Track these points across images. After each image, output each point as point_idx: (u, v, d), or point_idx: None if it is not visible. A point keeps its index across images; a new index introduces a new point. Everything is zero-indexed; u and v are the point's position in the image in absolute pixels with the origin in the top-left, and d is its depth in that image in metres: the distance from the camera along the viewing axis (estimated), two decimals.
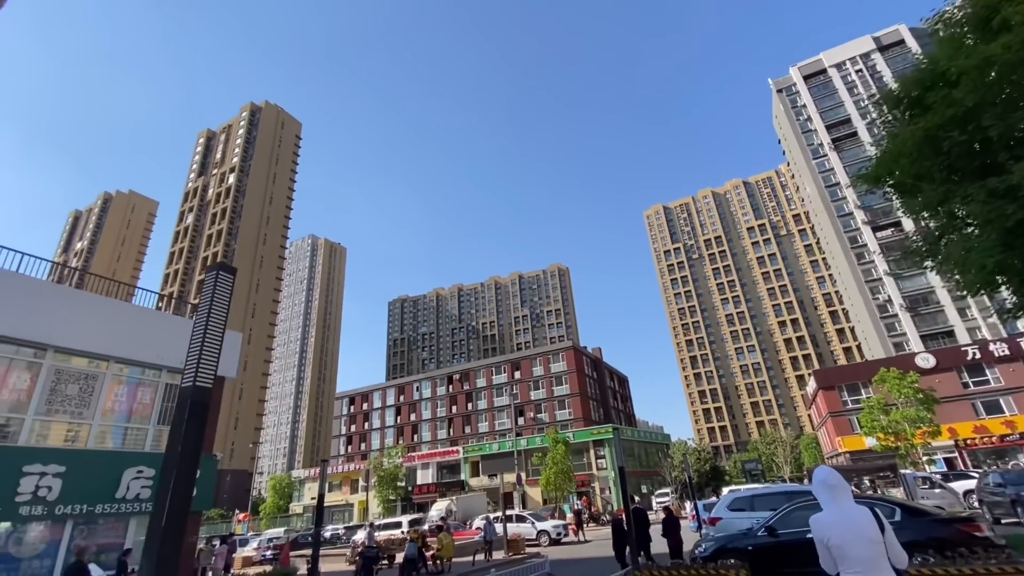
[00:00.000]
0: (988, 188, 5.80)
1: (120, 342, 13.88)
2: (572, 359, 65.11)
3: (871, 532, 3.13)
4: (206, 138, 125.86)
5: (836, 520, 3.21)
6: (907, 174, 7.02)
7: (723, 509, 12.51)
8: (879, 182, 7.90)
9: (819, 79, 79.11)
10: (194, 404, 3.21)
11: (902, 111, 7.06)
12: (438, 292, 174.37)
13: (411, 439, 72.96)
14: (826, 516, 3.29)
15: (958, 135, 6.02)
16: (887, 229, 66.07)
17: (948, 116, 6.02)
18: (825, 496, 3.34)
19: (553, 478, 39.62)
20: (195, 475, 3.14)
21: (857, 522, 3.17)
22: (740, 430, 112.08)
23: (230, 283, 3.56)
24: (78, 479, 12.15)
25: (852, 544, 3.09)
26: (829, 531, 3.20)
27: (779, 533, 8.58)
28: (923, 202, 6.93)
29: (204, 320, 3.33)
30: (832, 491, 3.32)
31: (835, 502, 3.29)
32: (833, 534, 3.17)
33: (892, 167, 7.27)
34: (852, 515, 3.21)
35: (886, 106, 7.60)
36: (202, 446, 3.33)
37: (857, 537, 3.11)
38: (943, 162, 6.32)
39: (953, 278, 7.22)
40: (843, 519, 3.20)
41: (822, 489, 3.36)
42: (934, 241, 7.56)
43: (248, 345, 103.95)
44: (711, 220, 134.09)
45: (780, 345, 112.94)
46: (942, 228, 7.32)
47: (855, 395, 41.04)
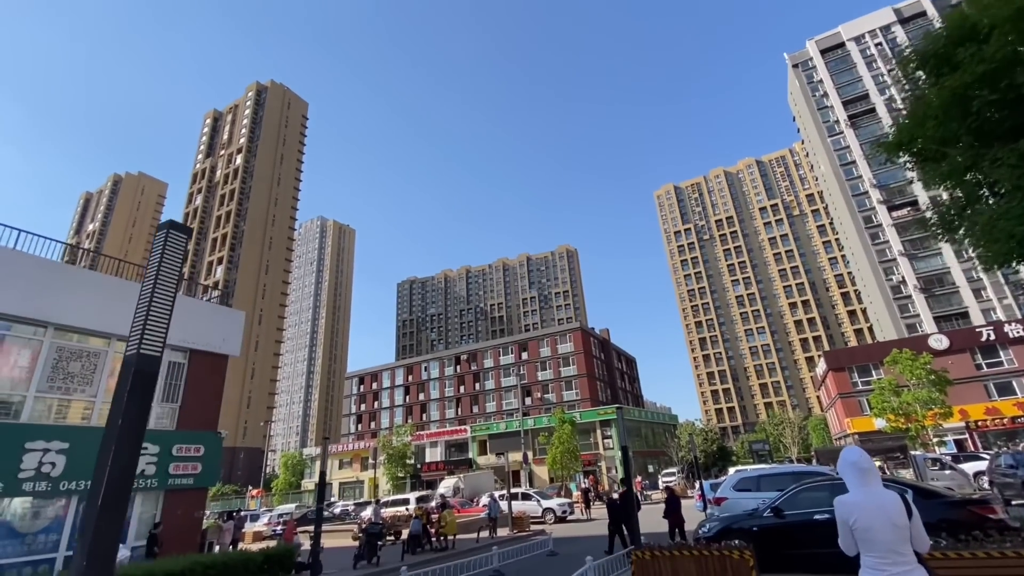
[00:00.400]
0: (1020, 151, 5.38)
1: (122, 320, 13.83)
2: (580, 340, 65.01)
3: (898, 517, 3.08)
4: (213, 119, 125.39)
5: (863, 502, 3.16)
6: (932, 139, 6.57)
7: (728, 489, 12.32)
8: (901, 149, 7.44)
9: (836, 53, 76.62)
10: (139, 374, 2.98)
11: (928, 71, 6.57)
12: (446, 274, 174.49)
13: (420, 418, 73.77)
14: (853, 497, 3.24)
15: (988, 94, 5.57)
16: (903, 208, 64.58)
17: (978, 73, 5.56)
18: (853, 478, 3.28)
19: (559, 457, 39.84)
20: (138, 452, 2.92)
21: (885, 506, 3.12)
22: (748, 411, 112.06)
23: (182, 243, 3.31)
24: (82, 456, 12.23)
25: (878, 528, 3.06)
26: (855, 513, 3.16)
27: (786, 514, 8.37)
28: (948, 169, 6.49)
29: (152, 282, 3.08)
30: (862, 473, 3.25)
31: (864, 485, 3.23)
32: (859, 516, 3.14)
33: (916, 132, 6.81)
34: (880, 499, 3.16)
35: (911, 66, 7.09)
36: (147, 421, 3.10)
37: (883, 521, 3.07)
38: (971, 124, 5.87)
39: (978, 250, 6.81)
40: (870, 502, 3.15)
41: (851, 471, 3.29)
42: (958, 212, 7.13)
43: (259, 325, 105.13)
44: (723, 200, 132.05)
45: (790, 327, 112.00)
46: (967, 197, 6.88)
47: (866, 376, 40.58)
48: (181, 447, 14.19)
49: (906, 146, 7.28)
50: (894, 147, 7.51)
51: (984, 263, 6.86)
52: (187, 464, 14.23)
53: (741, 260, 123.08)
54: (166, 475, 13.70)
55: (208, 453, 14.79)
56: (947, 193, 8.05)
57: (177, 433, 14.33)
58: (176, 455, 14.00)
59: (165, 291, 3.10)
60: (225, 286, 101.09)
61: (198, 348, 15.41)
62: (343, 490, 62.29)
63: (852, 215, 68.09)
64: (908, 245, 62.27)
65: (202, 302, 16.74)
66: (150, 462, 13.37)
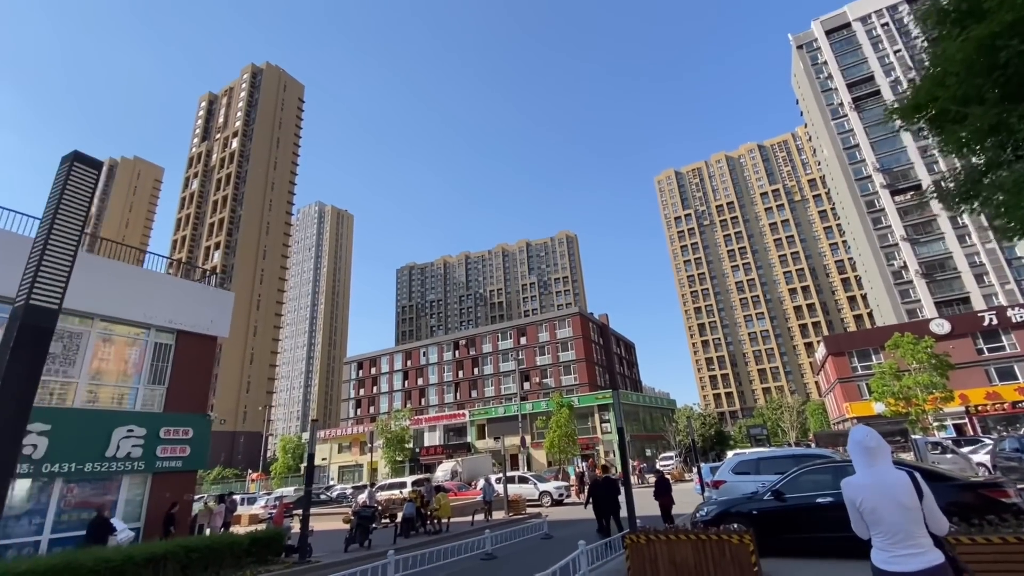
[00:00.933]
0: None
1: (105, 300, 13.47)
2: (578, 325, 64.77)
3: (906, 498, 2.93)
4: (208, 102, 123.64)
5: (869, 483, 3.05)
6: (953, 98, 6.10)
7: (727, 472, 12.02)
8: (918, 113, 6.95)
9: (842, 34, 75.17)
10: (25, 328, 2.56)
11: (951, 23, 6.07)
12: (445, 260, 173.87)
13: (419, 403, 73.88)
14: (859, 479, 3.13)
15: (1018, 43, 5.11)
16: (906, 192, 63.86)
17: (1007, 21, 5.10)
18: (861, 458, 3.16)
19: (557, 441, 39.82)
20: (26, 416, 2.51)
21: (892, 487, 2.97)
22: (747, 396, 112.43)
23: (91, 180, 2.87)
24: (65, 438, 11.94)
25: (884, 509, 2.95)
26: (861, 494, 3.05)
27: (786, 498, 8.06)
28: (970, 131, 6.03)
29: (48, 224, 2.65)
30: (869, 453, 3.12)
31: (871, 466, 3.11)
32: (865, 498, 3.02)
33: (936, 91, 6.33)
34: (887, 479, 3.01)
35: (929, 22, 6.57)
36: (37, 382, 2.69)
37: (890, 502, 2.94)
38: (998, 78, 5.41)
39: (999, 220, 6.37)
40: (877, 483, 3.02)
41: (858, 451, 3.18)
42: (977, 179, 6.68)
43: (258, 311, 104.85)
44: (724, 185, 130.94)
45: (790, 312, 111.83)
46: (987, 163, 6.44)
47: (865, 361, 40.38)
48: (169, 430, 13.91)
49: (924, 107, 6.79)
50: (910, 111, 7.02)
51: (1006, 235, 6.44)
52: (175, 447, 13.97)
53: (741, 246, 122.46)
54: (154, 458, 13.44)
55: (197, 436, 14.53)
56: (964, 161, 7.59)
57: (165, 415, 14.04)
58: (164, 438, 13.73)
59: (66, 235, 2.68)
60: (223, 271, 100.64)
61: (186, 329, 15.05)
62: (342, 474, 62.60)
63: (854, 199, 67.39)
64: (910, 230, 61.71)
65: (190, 282, 16.32)
66: (136, 444, 13.09)
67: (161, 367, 14.49)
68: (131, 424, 13.14)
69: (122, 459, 12.84)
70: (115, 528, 11.53)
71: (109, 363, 13.65)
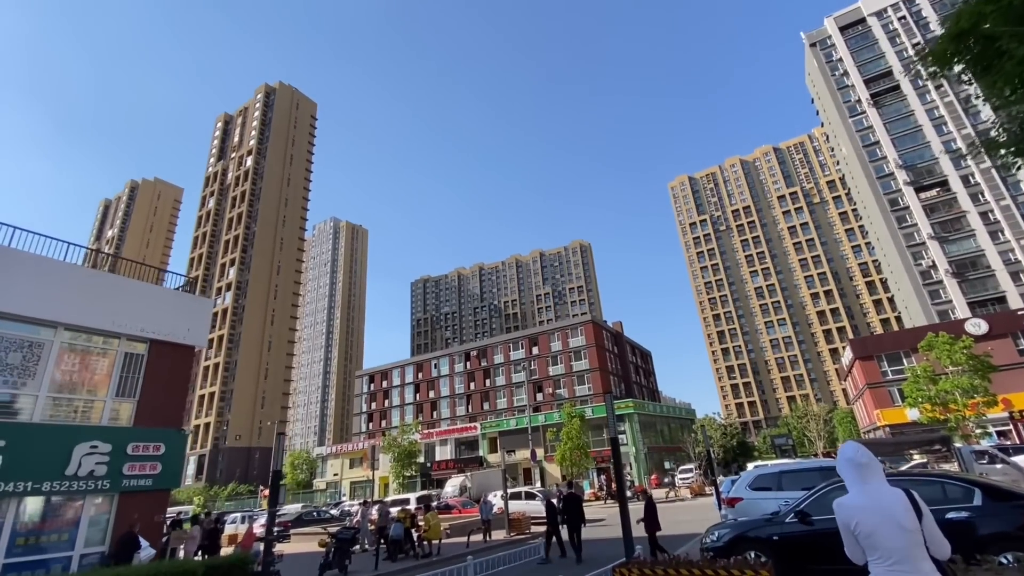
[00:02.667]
0: None
1: (69, 307, 12.67)
2: (591, 333, 63.13)
3: (906, 519, 2.73)
4: (224, 122, 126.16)
5: (864, 504, 2.84)
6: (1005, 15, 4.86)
7: (744, 488, 10.47)
8: (960, 42, 5.70)
9: (856, 29, 73.28)
10: None
11: None
12: (459, 272, 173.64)
13: (431, 416, 72.69)
14: (853, 499, 2.91)
15: None
16: (931, 189, 61.32)
17: None
18: (852, 476, 2.95)
19: (569, 454, 38.17)
20: None
21: (889, 507, 2.77)
22: (770, 405, 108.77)
23: None
24: (20, 455, 11.03)
25: (883, 532, 2.72)
26: (856, 516, 2.83)
27: (813, 520, 6.68)
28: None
29: None
30: (860, 470, 2.92)
31: (864, 483, 2.89)
32: (861, 519, 2.80)
33: (982, 7, 5.10)
34: (883, 499, 2.81)
35: None
36: None
37: (889, 524, 2.73)
38: None
39: None
40: (872, 503, 2.81)
41: (849, 468, 2.97)
42: None
43: (272, 326, 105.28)
44: (739, 190, 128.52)
45: (812, 318, 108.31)
46: None
47: (896, 365, 38.01)
48: (138, 445, 12.94)
49: (967, 35, 5.53)
50: (949, 44, 5.77)
51: None
52: (145, 464, 12.99)
53: (760, 251, 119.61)
54: (120, 476, 12.45)
55: (169, 452, 13.54)
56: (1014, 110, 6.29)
57: (133, 430, 13.09)
58: (132, 454, 12.76)
59: None
60: (238, 287, 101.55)
61: (160, 338, 14.17)
62: (354, 489, 61.51)
63: (877, 198, 64.92)
64: (938, 227, 59.03)
65: (164, 289, 15.50)
66: (100, 462, 12.13)
67: (132, 379, 13.59)
68: (95, 440, 12.21)
69: (84, 477, 11.88)
70: (141, 545, 11.35)
71: (74, 375, 12.78)
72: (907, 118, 65.03)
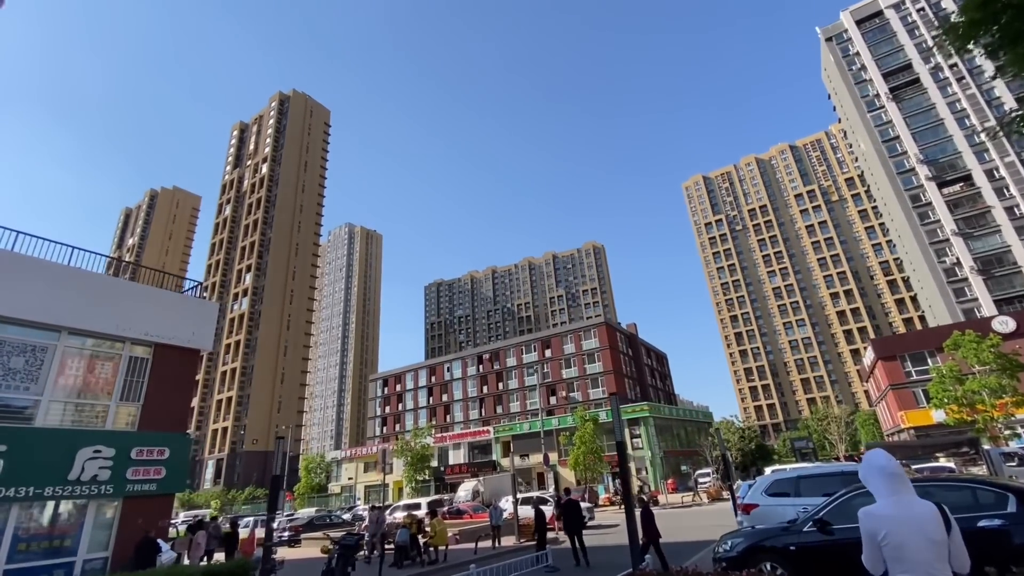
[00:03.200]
0: None
1: (73, 311, 12.66)
2: (605, 335, 62.42)
3: (936, 532, 2.66)
4: (239, 130, 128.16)
5: (895, 515, 2.72)
6: None
7: (759, 494, 9.92)
8: (987, 8, 5.25)
9: (874, 22, 71.70)
10: None
11: None
12: (472, 275, 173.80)
13: (444, 419, 72.53)
14: (882, 508, 2.78)
15: None
16: (954, 184, 59.53)
17: None
18: (880, 485, 2.84)
19: (582, 458, 37.58)
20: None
21: (921, 520, 2.68)
22: (790, 408, 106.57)
23: None
24: (22, 460, 10.99)
25: (912, 545, 2.64)
26: (884, 526, 2.71)
27: (834, 529, 6.20)
28: None
29: None
30: (890, 480, 2.81)
31: (895, 494, 2.79)
32: (891, 531, 2.69)
33: None
34: (915, 512, 2.71)
35: None
36: None
37: (919, 537, 2.64)
38: None
39: None
40: (904, 515, 2.70)
41: (878, 477, 2.85)
42: None
43: (288, 331, 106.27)
44: (755, 189, 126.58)
45: (832, 318, 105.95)
46: None
47: (920, 365, 36.73)
48: (142, 450, 12.88)
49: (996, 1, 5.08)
50: (977, 7, 5.32)
51: None
52: (149, 468, 12.91)
53: (777, 250, 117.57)
54: (124, 481, 12.39)
55: (174, 456, 13.47)
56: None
57: (138, 434, 13.04)
58: (136, 459, 12.69)
59: None
60: (254, 293, 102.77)
61: (164, 342, 14.14)
62: (368, 493, 61.56)
63: (898, 195, 63.25)
64: (962, 223, 57.25)
65: (169, 292, 15.47)
66: (104, 466, 12.07)
67: (136, 382, 13.55)
68: (98, 444, 12.15)
69: (87, 482, 11.82)
70: (161, 548, 11.46)
71: (78, 379, 12.76)
72: (928, 111, 63.35)
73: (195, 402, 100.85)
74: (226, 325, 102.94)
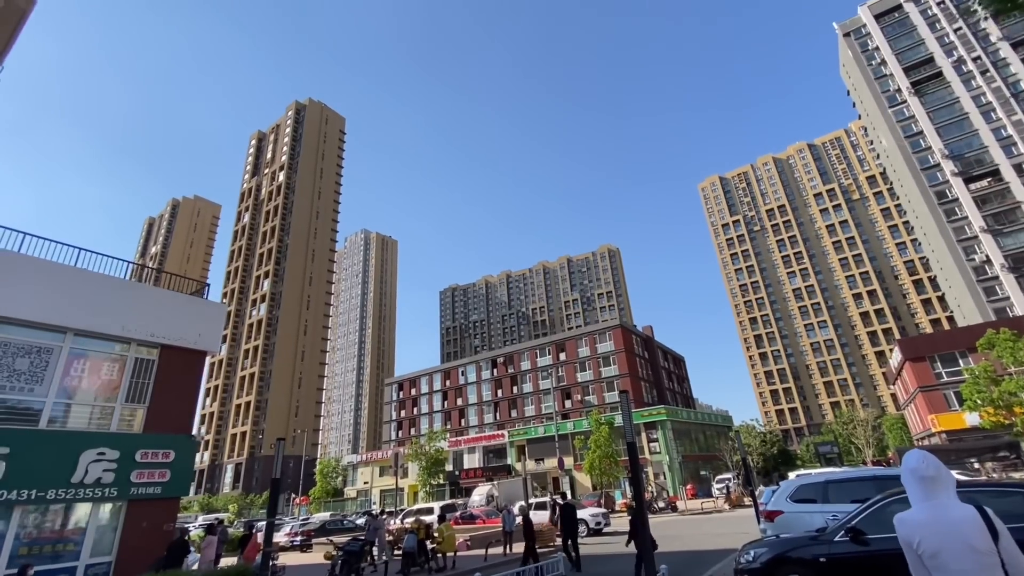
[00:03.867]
0: None
1: (79, 312, 12.58)
2: (620, 338, 61.51)
3: (978, 540, 2.42)
4: (257, 139, 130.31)
5: (930, 520, 2.52)
6: None
7: (784, 500, 9.27)
8: None
9: (893, 16, 70.00)
10: None
11: None
12: (487, 279, 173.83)
13: (459, 423, 72.20)
14: (917, 515, 2.60)
15: None
16: (981, 180, 57.53)
17: None
18: (917, 490, 2.63)
19: (597, 462, 36.82)
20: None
21: (958, 525, 2.46)
22: (812, 412, 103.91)
23: None
24: (26, 462, 10.86)
25: (952, 553, 2.43)
26: (920, 533, 2.52)
27: (869, 539, 5.62)
28: None
29: None
30: (927, 484, 2.59)
31: (931, 499, 2.58)
32: (926, 538, 2.50)
33: None
34: (952, 516, 2.50)
35: None
36: None
37: (956, 544, 2.42)
38: None
39: None
40: (938, 520, 2.50)
41: (913, 480, 2.64)
42: None
43: (305, 336, 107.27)
44: (773, 188, 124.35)
45: (856, 319, 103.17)
46: None
47: (951, 366, 35.25)
48: (147, 452, 12.71)
49: None
50: None
51: None
52: (154, 471, 12.74)
53: (797, 251, 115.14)
54: (128, 483, 12.22)
55: (179, 459, 13.29)
56: None
57: (143, 436, 12.88)
58: (141, 461, 12.53)
59: None
60: (272, 299, 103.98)
61: (170, 343, 14.01)
62: (384, 497, 61.41)
63: (922, 191, 61.36)
64: (991, 220, 55.23)
65: (175, 294, 15.36)
66: (108, 469, 11.92)
67: (142, 384, 13.42)
68: (102, 446, 12.01)
69: (91, 485, 11.66)
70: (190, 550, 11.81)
71: (83, 380, 12.65)
72: (952, 105, 61.44)
73: (215, 407, 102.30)
74: (244, 330, 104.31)
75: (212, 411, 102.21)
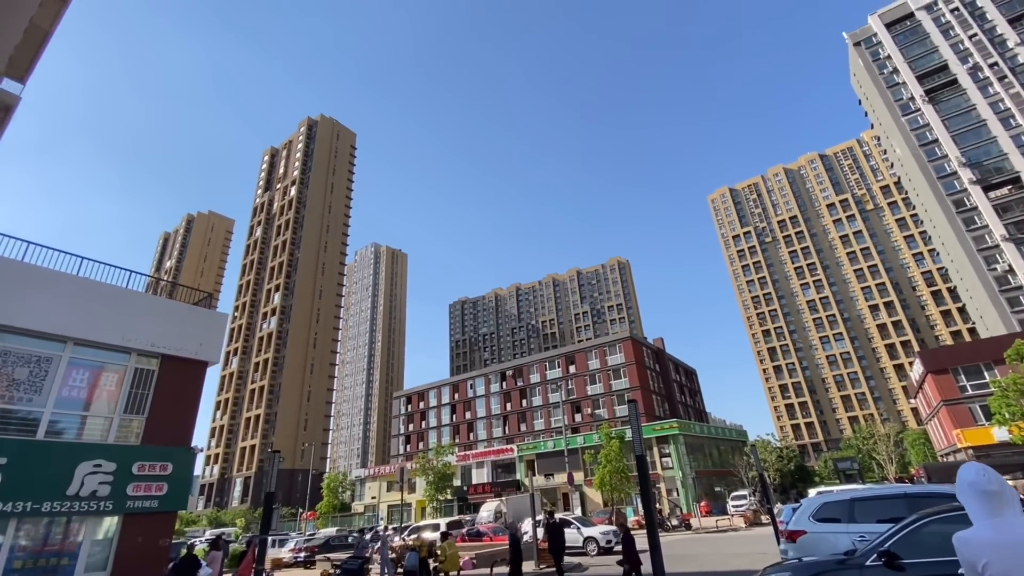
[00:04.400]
0: None
1: (79, 321, 12.43)
2: (631, 351, 60.64)
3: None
4: (270, 155, 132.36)
5: (994, 540, 2.25)
6: None
7: (806, 520, 8.64)
8: None
9: (904, 24, 69.54)
10: None
11: None
12: (496, 292, 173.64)
13: (467, 437, 71.38)
14: (979, 533, 2.32)
15: None
16: (1001, 187, 56.33)
17: None
18: (978, 506, 2.38)
19: (608, 478, 35.93)
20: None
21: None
22: (830, 427, 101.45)
23: None
24: (21, 473, 10.61)
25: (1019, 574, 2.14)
26: (987, 554, 2.24)
27: (904, 563, 5.09)
28: None
29: None
30: (990, 499, 2.35)
31: (995, 516, 2.32)
32: (992, 560, 2.22)
33: None
34: (1017, 534, 2.23)
35: None
36: None
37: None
38: None
39: None
40: (1007, 540, 2.23)
41: (973, 496, 2.40)
42: None
43: (314, 349, 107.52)
44: (784, 199, 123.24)
45: (873, 332, 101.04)
46: None
47: (976, 379, 34.04)
48: (144, 465, 12.41)
49: None
50: None
51: None
52: (151, 484, 12.41)
53: (810, 262, 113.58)
54: (124, 496, 11.90)
55: (177, 471, 12.96)
56: None
57: (141, 449, 12.60)
58: (138, 474, 12.22)
59: None
60: (282, 312, 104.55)
61: (171, 353, 13.79)
62: (391, 513, 60.66)
63: (939, 200, 60.23)
64: (1012, 228, 53.93)
65: (177, 303, 15.23)
66: (104, 481, 11.62)
67: (141, 395, 13.18)
68: (99, 458, 11.74)
69: (86, 498, 11.37)
70: (201, 564, 11.54)
71: (82, 390, 12.45)
72: (968, 113, 60.51)
73: (225, 420, 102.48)
74: (255, 344, 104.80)
75: (222, 424, 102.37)
